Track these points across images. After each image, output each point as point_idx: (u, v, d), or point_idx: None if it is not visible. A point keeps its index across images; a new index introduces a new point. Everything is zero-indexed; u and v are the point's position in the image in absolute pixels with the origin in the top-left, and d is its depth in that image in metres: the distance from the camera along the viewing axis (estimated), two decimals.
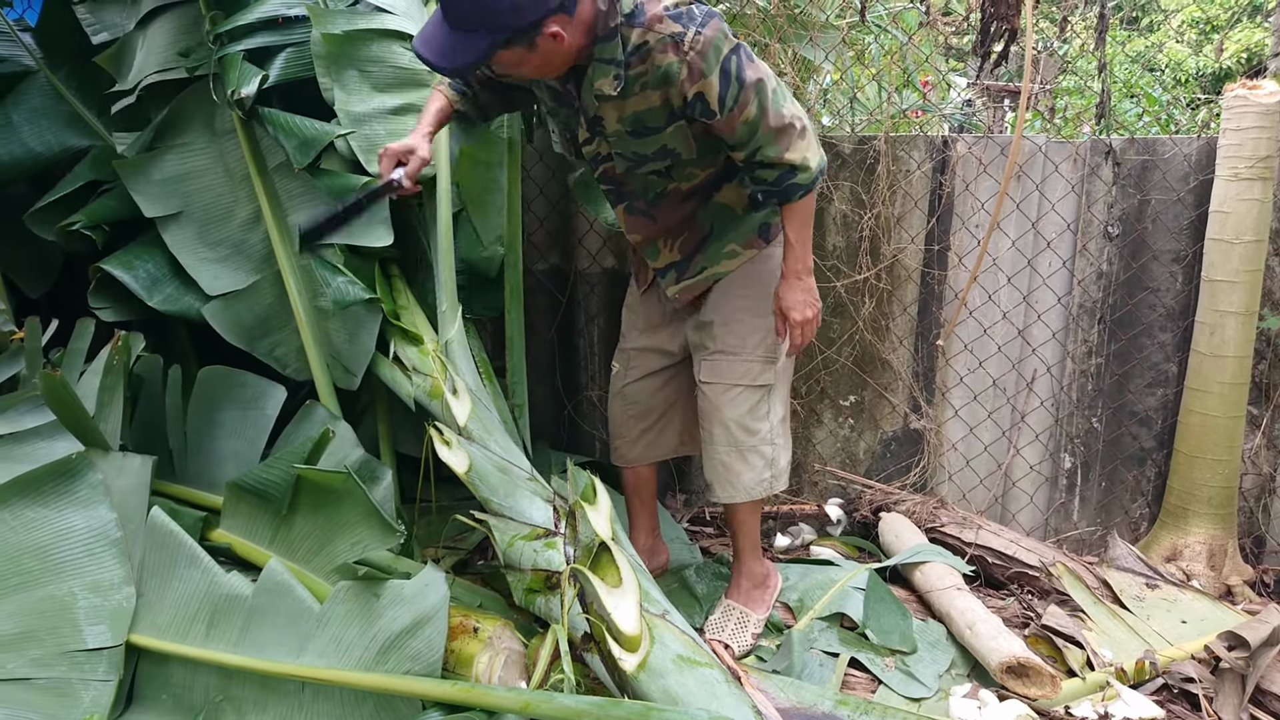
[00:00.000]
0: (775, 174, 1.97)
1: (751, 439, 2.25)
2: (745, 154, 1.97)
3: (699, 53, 1.81)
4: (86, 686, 1.77)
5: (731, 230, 2.21)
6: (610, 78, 1.88)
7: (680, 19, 1.81)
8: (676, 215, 2.19)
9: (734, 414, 2.24)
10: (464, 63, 1.75)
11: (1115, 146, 2.86)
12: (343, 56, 2.44)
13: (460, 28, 1.73)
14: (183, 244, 2.52)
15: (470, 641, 1.80)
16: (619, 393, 2.51)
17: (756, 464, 2.26)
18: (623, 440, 2.54)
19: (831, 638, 2.29)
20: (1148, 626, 2.41)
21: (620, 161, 2.07)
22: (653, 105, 1.91)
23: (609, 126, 1.99)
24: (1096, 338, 2.99)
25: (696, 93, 1.85)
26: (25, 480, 1.97)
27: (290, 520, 2.00)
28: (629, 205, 2.18)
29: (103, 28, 2.62)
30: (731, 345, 2.22)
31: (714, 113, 1.87)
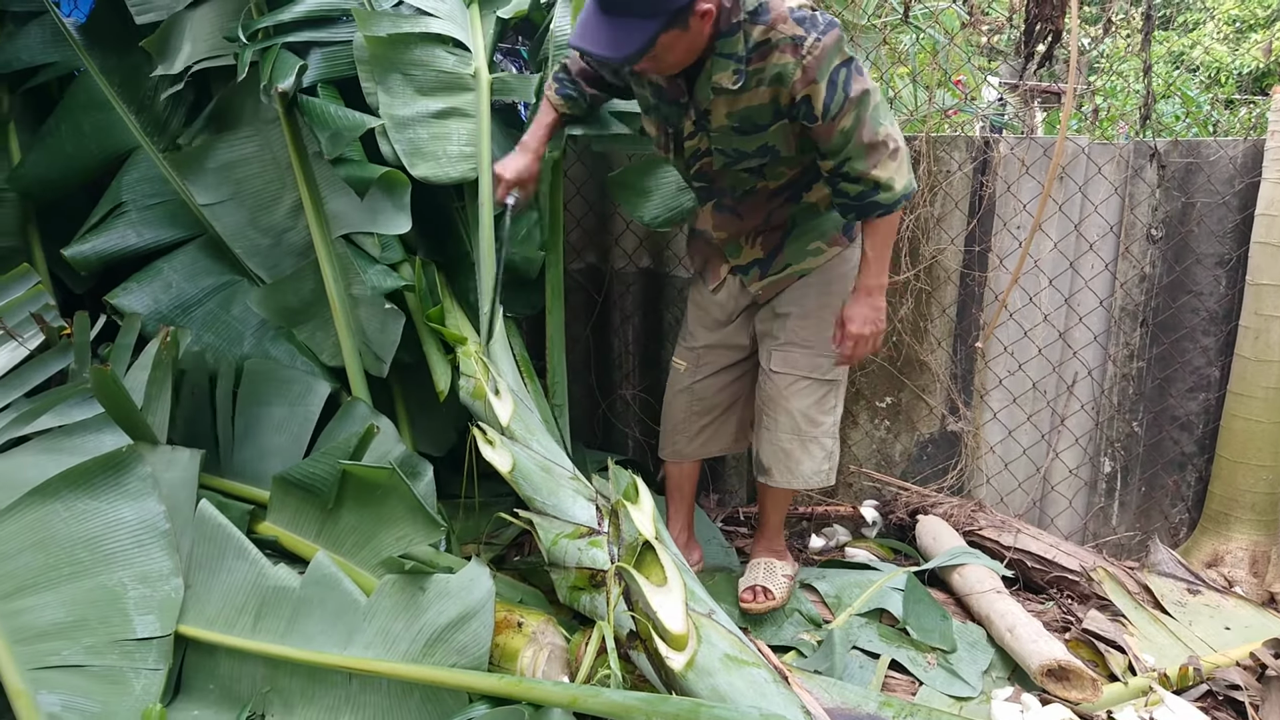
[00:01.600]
0: (859, 189, 2.00)
1: (814, 430, 2.32)
2: (834, 163, 2.00)
3: (815, 58, 1.85)
4: (137, 675, 1.80)
5: (815, 227, 2.25)
6: (730, 72, 1.92)
7: (804, 22, 1.86)
8: (762, 212, 2.23)
9: (800, 404, 2.30)
10: (633, 49, 1.79)
11: (1160, 149, 2.83)
12: (386, 60, 2.46)
13: (627, 14, 1.77)
14: (235, 230, 2.57)
15: (515, 636, 1.81)
16: (686, 389, 2.52)
17: (816, 454, 2.34)
18: (681, 436, 2.56)
19: (871, 634, 2.29)
20: (1190, 632, 2.38)
21: (718, 158, 2.10)
22: (763, 102, 1.95)
23: (715, 121, 2.02)
24: (1138, 341, 2.96)
25: (804, 95, 1.90)
26: (76, 472, 2.00)
27: (336, 514, 2.02)
28: (718, 203, 2.23)
29: (149, 9, 2.61)
30: (805, 338, 2.28)
31: (816, 118, 1.92)
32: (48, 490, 1.97)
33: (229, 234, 2.59)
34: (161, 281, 2.61)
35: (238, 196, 2.60)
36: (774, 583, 2.39)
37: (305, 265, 2.56)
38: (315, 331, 2.58)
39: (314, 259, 2.53)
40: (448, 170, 2.46)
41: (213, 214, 2.59)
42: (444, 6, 2.61)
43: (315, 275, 2.54)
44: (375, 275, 2.45)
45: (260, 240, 2.60)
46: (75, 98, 2.70)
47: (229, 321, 2.60)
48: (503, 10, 2.64)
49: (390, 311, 2.48)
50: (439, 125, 2.49)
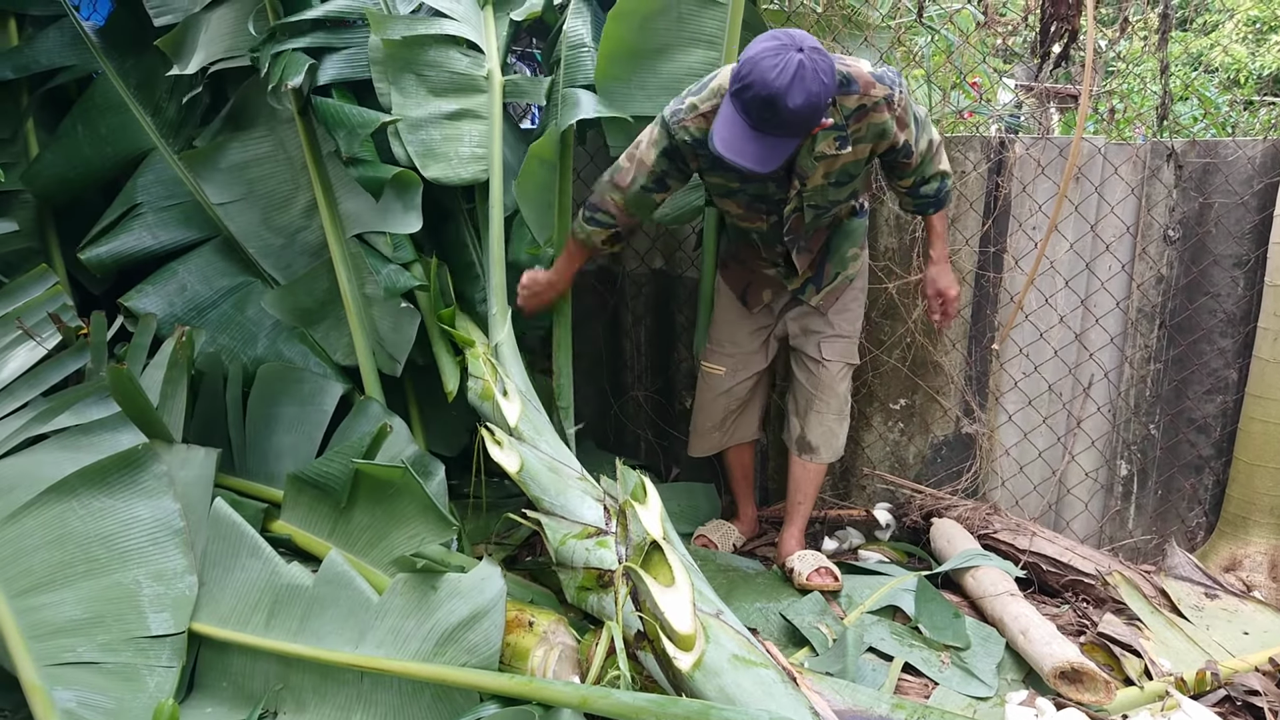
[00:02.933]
0: (936, 185, 2.36)
1: (846, 408, 2.69)
2: (917, 178, 2.34)
3: (904, 108, 2.17)
4: (151, 672, 1.81)
5: (846, 238, 2.54)
6: (833, 139, 2.15)
7: (884, 80, 2.11)
8: (820, 240, 2.53)
9: (843, 388, 2.65)
10: (777, 164, 2.01)
11: (1177, 149, 2.81)
12: (400, 60, 2.47)
13: (778, 134, 1.96)
14: (248, 230, 2.58)
15: (525, 635, 1.82)
16: (726, 392, 2.75)
17: (844, 429, 2.70)
18: (720, 432, 2.81)
19: (883, 631, 2.28)
20: (1208, 637, 2.36)
21: (810, 212, 2.35)
22: (860, 157, 2.22)
23: (812, 182, 2.25)
24: (1155, 343, 2.93)
25: (904, 142, 2.21)
26: (92, 470, 2.02)
27: (349, 513, 2.03)
28: (799, 248, 2.47)
29: (166, 10, 2.65)
30: (846, 330, 2.61)
31: (911, 153, 2.25)
32: (64, 488, 1.99)
33: (242, 234, 2.61)
34: (176, 284, 2.63)
35: (251, 196, 2.62)
36: (830, 565, 2.58)
37: (319, 265, 2.57)
38: (329, 331, 2.59)
39: (327, 259, 2.55)
40: (459, 171, 2.47)
41: (226, 213, 2.61)
42: (458, 8, 2.62)
43: (329, 275, 2.56)
44: (390, 275, 2.46)
45: (273, 240, 2.62)
46: (92, 99, 2.73)
47: (243, 323, 2.62)
48: (516, 12, 2.65)
49: (405, 311, 2.50)
50: (451, 127, 2.50)
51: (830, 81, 1.93)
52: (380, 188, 2.34)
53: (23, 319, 2.39)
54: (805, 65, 1.87)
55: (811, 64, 1.88)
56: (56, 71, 2.75)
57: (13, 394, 2.30)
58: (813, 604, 2.42)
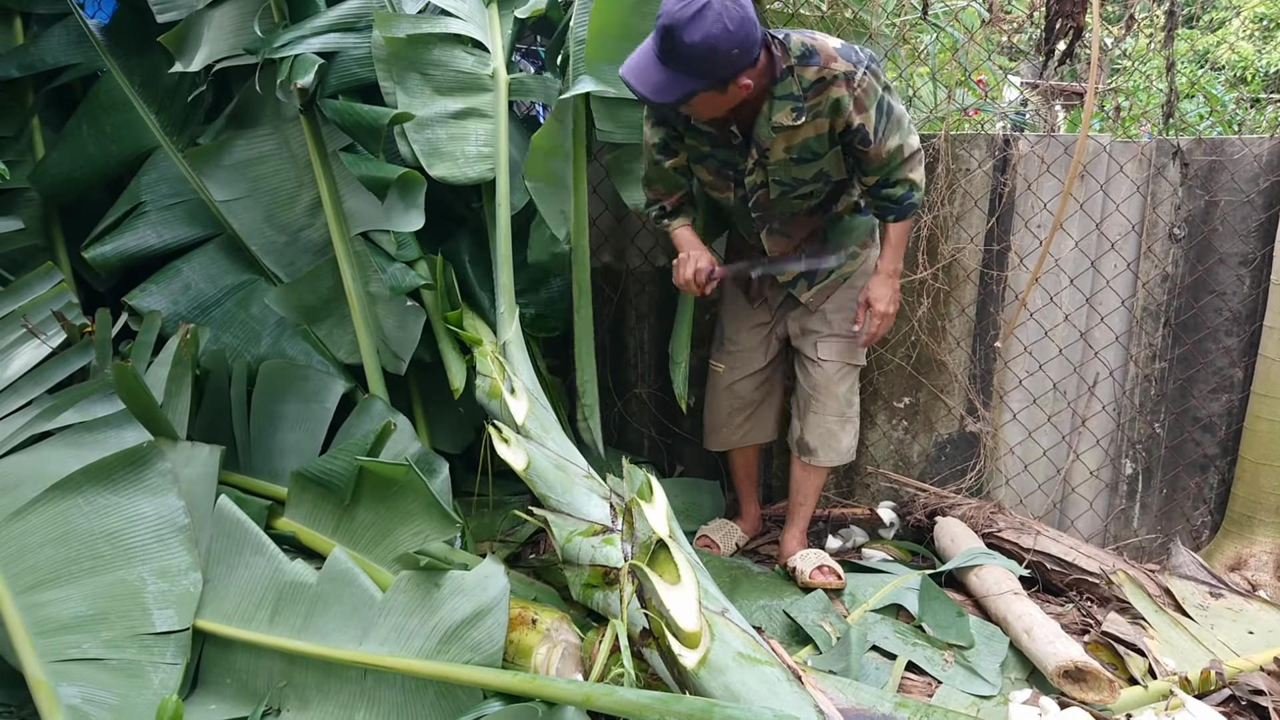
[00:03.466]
0: (900, 193, 2.29)
1: (849, 411, 2.63)
2: (880, 177, 2.27)
3: (864, 90, 2.12)
4: (155, 669, 1.82)
5: (846, 235, 2.51)
6: (789, 110, 2.14)
7: (850, 57, 2.11)
8: (805, 229, 2.48)
9: (842, 389, 2.59)
10: (670, 99, 2.00)
11: (1182, 146, 2.80)
12: (405, 59, 2.47)
13: (677, 69, 1.97)
14: (251, 227, 2.58)
15: (529, 633, 1.82)
16: (728, 389, 2.75)
17: (850, 432, 2.63)
18: (726, 428, 2.81)
19: (887, 630, 2.28)
20: (1212, 636, 2.35)
21: (775, 188, 2.32)
22: (820, 133, 2.19)
23: (774, 155, 2.24)
24: (1160, 341, 2.92)
25: (859, 124, 2.15)
26: (97, 468, 2.02)
27: (353, 510, 2.04)
28: (770, 228, 2.44)
29: (170, 7, 2.65)
30: (846, 329, 2.54)
31: (869, 141, 2.18)
32: (69, 485, 1.99)
33: (245, 231, 2.61)
34: (180, 282, 2.64)
35: (255, 194, 2.62)
36: (833, 563, 2.58)
37: (323, 263, 2.58)
38: (332, 329, 2.60)
39: (332, 257, 2.55)
40: (465, 170, 2.47)
41: (229, 210, 2.61)
42: (464, 7, 2.62)
43: (333, 273, 2.56)
44: (394, 273, 2.46)
45: (276, 238, 2.62)
46: (97, 98, 2.74)
47: (247, 321, 2.62)
48: (520, 10, 2.64)
49: (410, 309, 2.50)
50: (457, 125, 2.50)
51: (736, 31, 1.91)
52: (385, 188, 2.34)
53: (28, 316, 2.39)
54: (712, 6, 1.89)
55: (720, 7, 1.89)
56: (62, 70, 2.75)
57: (18, 391, 2.30)
58: (816, 602, 2.42)
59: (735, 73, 2.00)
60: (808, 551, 2.62)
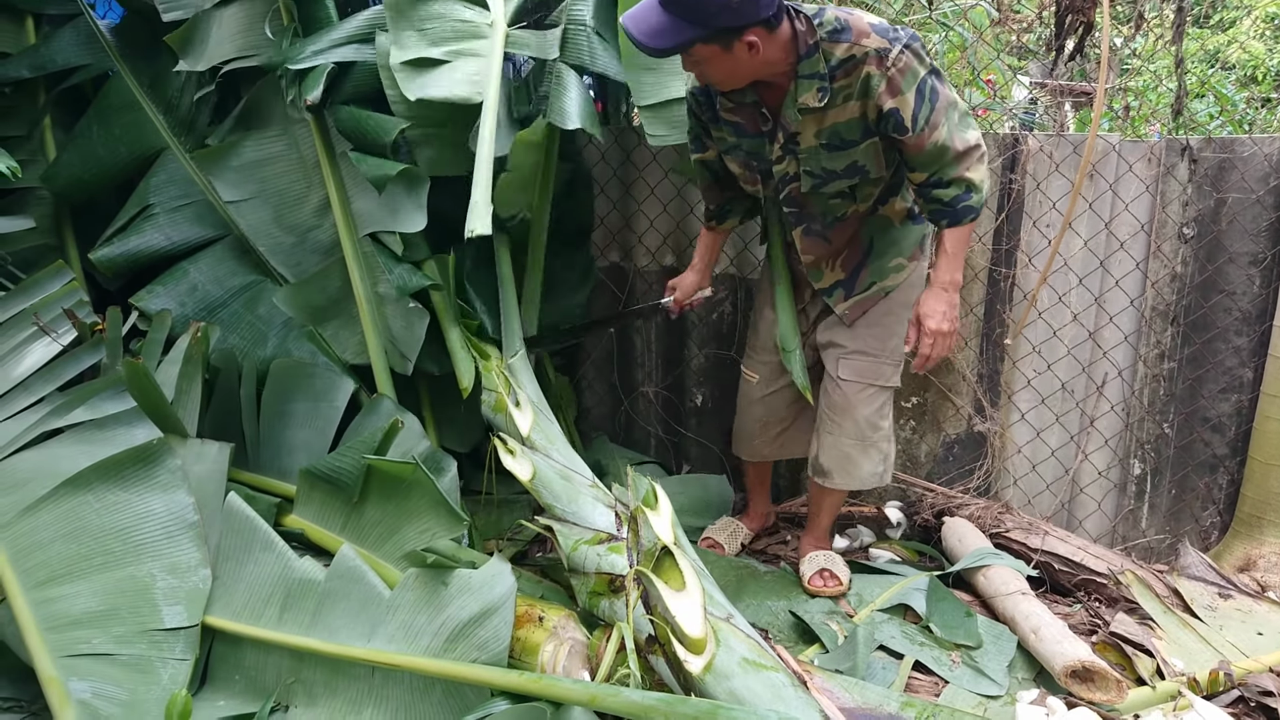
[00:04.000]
0: (953, 193, 2.06)
1: (874, 435, 2.44)
2: (928, 174, 2.07)
3: (900, 70, 1.94)
4: (165, 665, 1.83)
5: (895, 243, 2.34)
6: (815, 90, 1.99)
7: (886, 34, 1.94)
8: (846, 235, 2.32)
9: (865, 411, 2.41)
10: (667, 45, 1.88)
11: (1192, 145, 2.78)
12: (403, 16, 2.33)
13: (675, 13, 1.85)
14: (258, 228, 2.59)
15: (535, 630, 1.82)
16: (759, 401, 2.63)
17: (874, 458, 2.45)
18: (759, 440, 2.69)
19: (894, 629, 2.27)
20: (1221, 637, 2.34)
21: (806, 180, 2.17)
22: (852, 117, 2.02)
23: (805, 142, 2.09)
24: (1170, 341, 2.91)
25: (893, 108, 1.96)
26: (107, 464, 2.04)
27: (361, 508, 2.05)
28: (807, 228, 2.29)
29: (176, 6, 2.63)
30: (872, 347, 2.38)
31: (907, 129, 1.98)
32: (80, 482, 2.01)
33: (253, 232, 2.62)
34: (187, 284, 2.64)
35: (263, 194, 2.63)
36: (837, 568, 2.52)
37: (331, 263, 2.59)
38: (339, 330, 2.61)
39: (339, 257, 2.56)
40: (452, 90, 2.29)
41: (237, 211, 2.62)
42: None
43: (341, 273, 2.57)
44: (401, 274, 2.47)
45: (284, 239, 2.63)
46: (107, 99, 2.75)
47: (253, 322, 2.63)
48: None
49: (416, 310, 2.50)
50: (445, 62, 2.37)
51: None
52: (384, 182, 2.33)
53: (39, 314, 2.41)
54: None
55: None
56: (73, 70, 2.77)
57: (29, 388, 2.31)
58: (822, 602, 2.43)
59: (738, 26, 1.86)
60: (817, 554, 2.60)
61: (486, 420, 2.34)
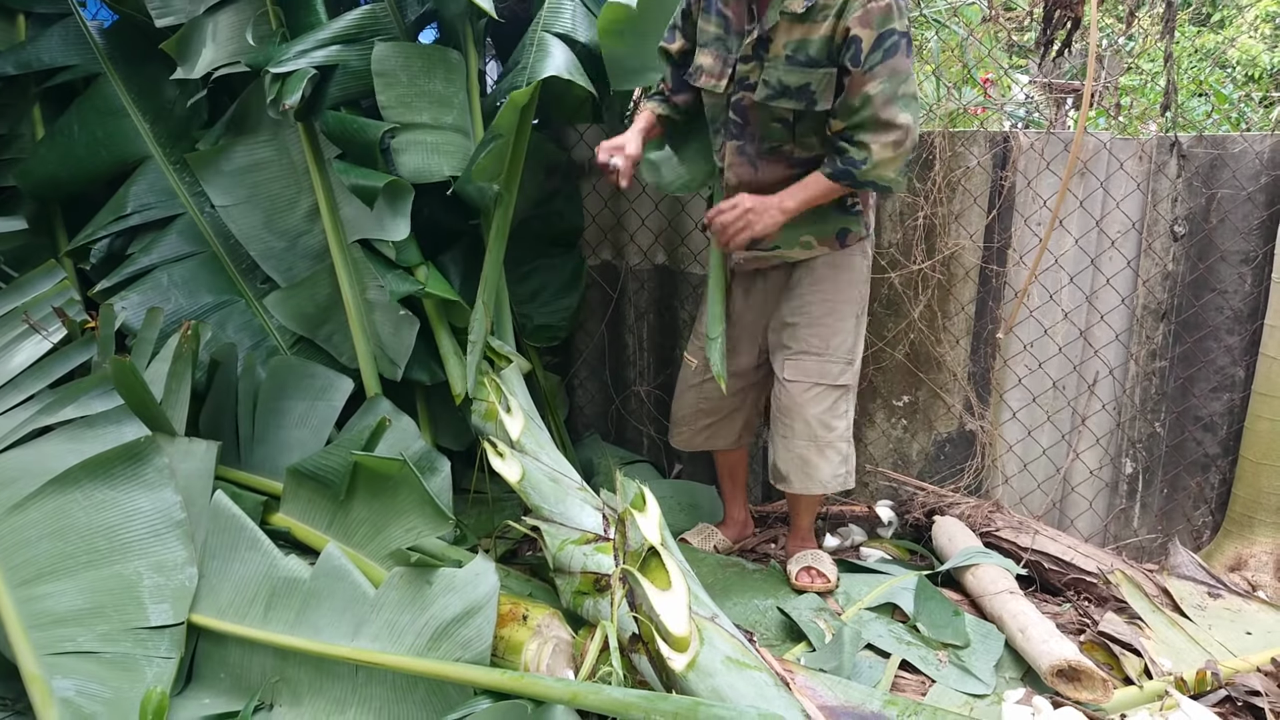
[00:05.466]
0: (851, 155, 2.09)
1: (829, 435, 2.40)
2: (844, 125, 2.10)
3: (880, 7, 1.98)
4: (150, 663, 1.83)
5: (812, 222, 2.31)
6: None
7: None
8: (773, 177, 2.28)
9: (815, 411, 2.39)
10: None
11: (1183, 142, 2.78)
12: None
13: None
14: (249, 232, 2.59)
15: (519, 629, 1.82)
16: (695, 387, 2.62)
17: (833, 459, 2.42)
18: (688, 428, 2.69)
19: (881, 628, 2.27)
20: (1209, 636, 2.34)
21: (762, 89, 2.17)
22: (822, 36, 2.05)
23: (774, 50, 2.12)
24: (1161, 340, 2.91)
25: (855, 35, 2.00)
26: (95, 462, 2.04)
27: (348, 506, 2.05)
28: (741, 147, 2.28)
29: (168, 12, 2.63)
30: (816, 346, 2.37)
31: (859, 63, 2.02)
32: (67, 479, 2.02)
33: (244, 236, 2.62)
34: (160, 294, 2.62)
35: (253, 199, 2.62)
36: (823, 566, 2.54)
37: (320, 269, 2.58)
38: (332, 335, 2.61)
39: (329, 263, 2.56)
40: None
41: (228, 216, 2.62)
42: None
43: (330, 279, 2.57)
44: (393, 280, 2.46)
45: (275, 243, 2.63)
46: (92, 100, 2.74)
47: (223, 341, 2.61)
48: None
49: (405, 317, 2.49)
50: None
51: None
52: (374, 196, 2.33)
53: (29, 313, 2.41)
54: None
55: None
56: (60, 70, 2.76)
57: (19, 386, 2.32)
58: (810, 599, 2.42)
59: None
60: (804, 552, 2.61)
61: (475, 428, 2.33)
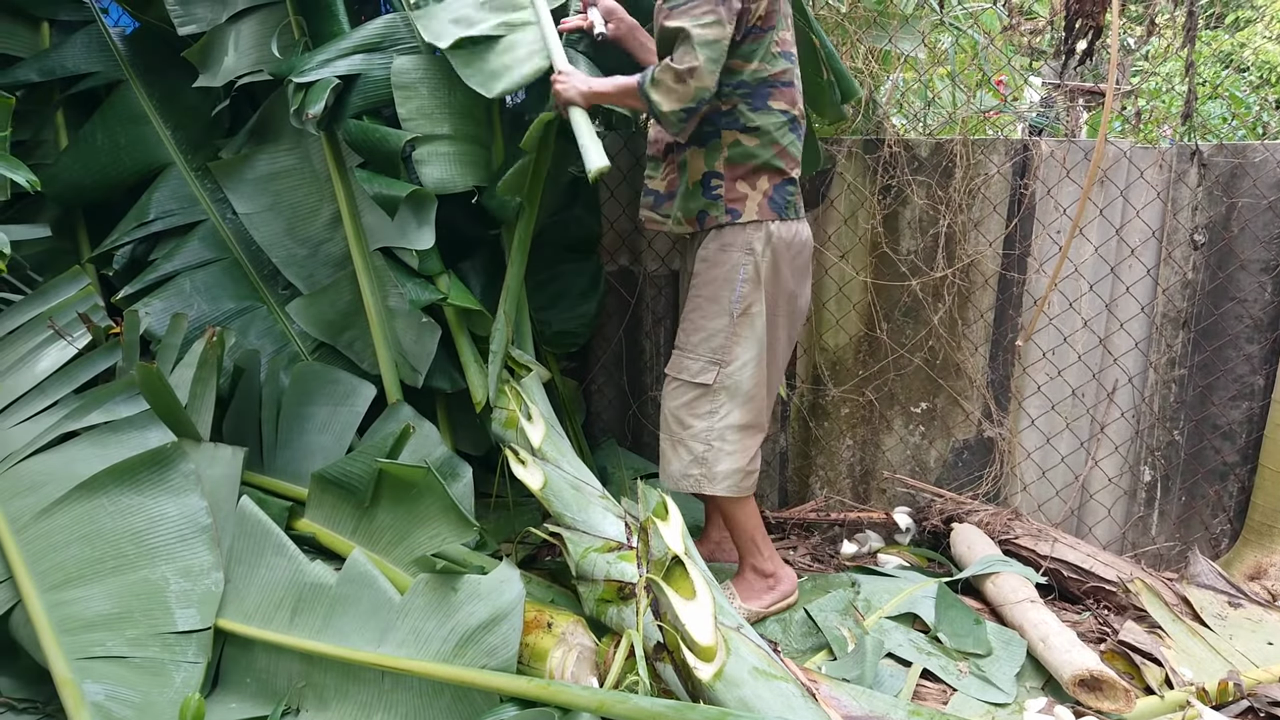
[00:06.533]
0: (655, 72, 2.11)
1: (683, 432, 2.33)
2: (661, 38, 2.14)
3: None
4: (177, 667, 1.85)
5: (684, 199, 2.32)
6: None
7: None
8: (661, 143, 2.36)
9: (671, 404, 2.36)
10: None
11: (1203, 151, 2.78)
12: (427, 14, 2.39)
13: None
14: (272, 239, 2.60)
15: (544, 636, 1.83)
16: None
17: (684, 457, 2.32)
18: None
19: (901, 637, 2.28)
20: (1230, 646, 2.34)
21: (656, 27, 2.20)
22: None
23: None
24: (1180, 348, 2.90)
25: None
26: (122, 468, 2.06)
27: (372, 512, 2.06)
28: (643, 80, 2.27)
29: (191, 20, 2.64)
30: (680, 340, 2.37)
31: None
32: (95, 485, 2.03)
33: (266, 243, 2.63)
34: (183, 300, 2.63)
35: (276, 207, 2.63)
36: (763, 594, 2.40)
37: (342, 276, 2.59)
38: (354, 341, 2.61)
39: (350, 270, 2.56)
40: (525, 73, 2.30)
41: (251, 223, 2.63)
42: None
43: (352, 286, 2.58)
44: (414, 289, 2.48)
45: (297, 250, 2.64)
46: (114, 108, 2.75)
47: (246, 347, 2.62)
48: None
49: (426, 325, 2.50)
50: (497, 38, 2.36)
51: None
52: (396, 205, 2.34)
53: (54, 319, 2.43)
54: None
55: None
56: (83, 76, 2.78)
57: (45, 391, 2.34)
58: (836, 602, 2.42)
59: None
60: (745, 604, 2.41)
61: (496, 436, 2.34)
